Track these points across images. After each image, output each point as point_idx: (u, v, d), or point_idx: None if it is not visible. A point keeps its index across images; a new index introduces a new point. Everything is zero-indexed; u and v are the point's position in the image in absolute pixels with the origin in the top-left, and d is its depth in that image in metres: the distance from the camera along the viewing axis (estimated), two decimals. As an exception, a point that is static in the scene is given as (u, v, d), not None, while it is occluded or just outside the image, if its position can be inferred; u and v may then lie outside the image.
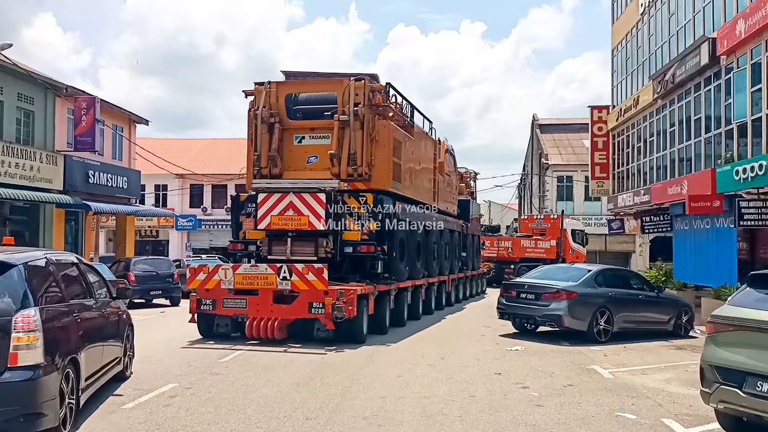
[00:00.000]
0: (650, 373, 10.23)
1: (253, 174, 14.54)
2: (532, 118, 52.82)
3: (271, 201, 13.50)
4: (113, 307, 8.60)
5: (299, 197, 13.36)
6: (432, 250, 18.42)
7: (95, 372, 7.25)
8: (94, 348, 7.26)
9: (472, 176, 31.33)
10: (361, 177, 14.00)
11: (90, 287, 7.72)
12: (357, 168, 13.90)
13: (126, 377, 8.84)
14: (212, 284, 12.38)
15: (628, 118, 27.67)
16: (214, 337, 12.83)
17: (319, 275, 11.87)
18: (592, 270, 14.33)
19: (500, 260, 35.31)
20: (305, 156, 14.59)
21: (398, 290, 15.16)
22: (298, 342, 12.30)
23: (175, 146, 49.95)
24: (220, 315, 12.72)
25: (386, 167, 14.42)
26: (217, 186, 47.20)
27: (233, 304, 12.42)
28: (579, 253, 35.21)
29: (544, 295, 13.45)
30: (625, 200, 27.55)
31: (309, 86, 15.12)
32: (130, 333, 9.18)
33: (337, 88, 14.24)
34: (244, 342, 12.26)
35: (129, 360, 9.09)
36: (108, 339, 7.95)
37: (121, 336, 8.68)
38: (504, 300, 14.43)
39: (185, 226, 46.36)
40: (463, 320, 17.22)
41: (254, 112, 14.47)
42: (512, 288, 14.58)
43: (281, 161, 14.55)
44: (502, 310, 14.42)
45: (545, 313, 13.29)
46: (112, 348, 8.16)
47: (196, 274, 12.47)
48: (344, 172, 13.94)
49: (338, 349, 11.62)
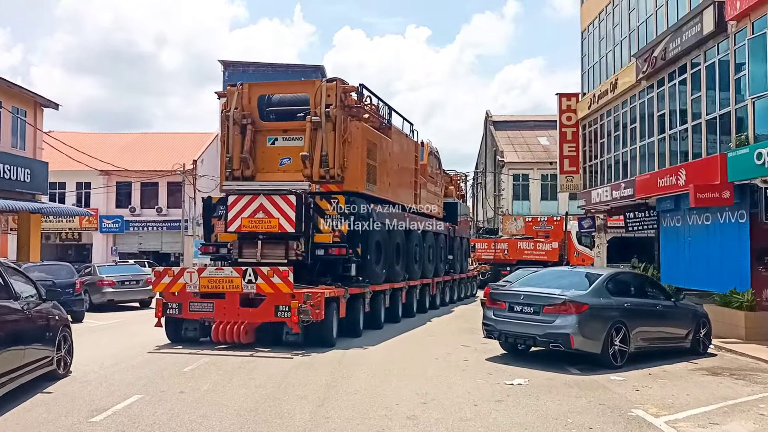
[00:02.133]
0: (720, 421, 7.38)
1: (225, 176, 14.43)
2: (486, 115, 52.17)
3: (242, 203, 13.35)
4: (42, 309, 8.77)
5: (269, 199, 13.21)
6: (413, 252, 18.24)
7: (12, 370, 7.40)
8: (12, 347, 7.45)
9: (462, 179, 31.25)
10: (333, 179, 13.86)
11: (9, 289, 7.85)
12: (329, 170, 13.76)
13: (61, 376, 9.05)
14: (177, 288, 12.22)
15: (603, 105, 24.68)
16: (183, 342, 12.66)
17: (284, 278, 11.70)
18: (602, 275, 11.48)
19: (497, 262, 35.07)
20: (278, 158, 14.48)
21: (374, 293, 14.99)
22: (266, 346, 12.13)
23: (99, 140, 46.06)
24: (188, 319, 12.56)
25: (359, 169, 14.26)
26: (148, 184, 43.21)
27: (200, 307, 12.25)
28: (585, 255, 33.98)
29: (546, 308, 10.44)
30: (601, 195, 24.31)
31: (281, 87, 14.98)
32: (66, 334, 9.38)
33: (309, 89, 14.12)
34: (213, 347, 12.07)
35: (65, 359, 9.27)
36: (32, 340, 8.09)
37: (52, 337, 8.82)
38: (492, 315, 11.26)
39: (111, 228, 43.16)
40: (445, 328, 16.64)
41: (226, 113, 14.36)
42: (502, 299, 11.29)
43: (254, 163, 14.43)
44: (490, 328, 11.21)
45: (549, 331, 10.27)
46: (37, 349, 8.27)
47: (161, 278, 12.32)
48: (316, 173, 13.81)
49: (305, 354, 11.41)
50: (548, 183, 43.73)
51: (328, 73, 54.88)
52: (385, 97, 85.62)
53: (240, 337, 11.83)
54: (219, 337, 11.89)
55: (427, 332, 15.58)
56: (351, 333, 13.75)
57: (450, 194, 26.91)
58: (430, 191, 20.96)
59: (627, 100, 22.54)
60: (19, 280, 8.78)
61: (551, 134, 48.08)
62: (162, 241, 44.70)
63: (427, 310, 20.06)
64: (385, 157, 15.90)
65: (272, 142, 14.57)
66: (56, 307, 9.43)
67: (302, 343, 12.14)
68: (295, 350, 11.71)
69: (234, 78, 48.73)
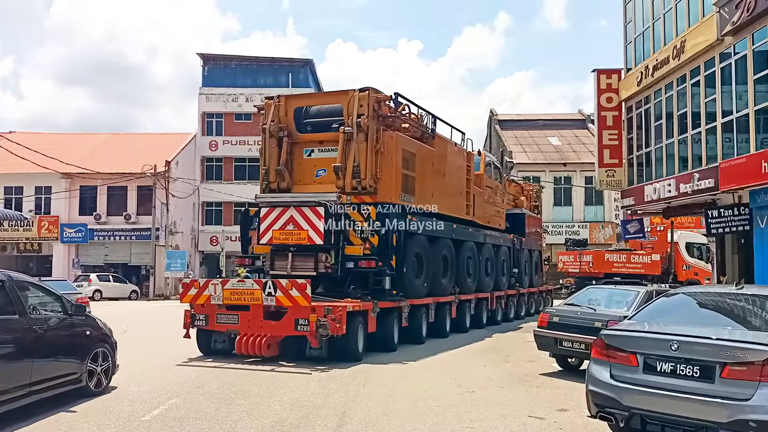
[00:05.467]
0: None
1: (262, 188, 14.51)
2: (490, 113, 49.82)
3: (273, 215, 13.36)
4: (67, 323, 8.58)
5: (299, 211, 13.13)
6: (465, 265, 17.65)
7: (14, 388, 7.30)
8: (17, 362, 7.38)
9: (536, 189, 30.10)
10: (365, 190, 13.59)
11: (19, 305, 7.73)
12: (361, 180, 13.51)
13: (94, 393, 8.76)
14: (203, 299, 12.30)
15: (660, 78, 20.47)
16: (213, 354, 12.72)
17: (302, 291, 11.52)
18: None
19: (582, 276, 33.43)
20: (314, 169, 14.41)
21: (413, 307, 14.55)
22: (290, 360, 11.96)
23: (67, 141, 42.42)
24: (218, 331, 12.62)
25: (394, 179, 13.91)
26: (115, 188, 39.12)
27: (226, 319, 12.27)
28: (699, 269, 30.30)
29: (732, 369, 5.62)
30: (659, 191, 20.32)
31: (317, 99, 14.97)
32: (105, 350, 9.13)
33: (342, 100, 13.96)
34: (242, 361, 11.98)
35: (100, 377, 8.96)
36: (45, 356, 7.94)
37: (81, 353, 8.63)
38: (609, 377, 6.34)
39: (73, 238, 38.58)
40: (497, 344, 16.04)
41: (262, 126, 14.47)
42: (631, 347, 6.31)
43: (290, 175, 14.42)
44: (609, 402, 6.27)
45: (741, 417, 5.43)
46: (54, 366, 8.13)
47: (188, 289, 12.46)
48: (349, 185, 13.59)
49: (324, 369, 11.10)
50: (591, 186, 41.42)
51: (324, 85, 52.37)
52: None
53: (262, 350, 11.73)
54: (242, 350, 11.85)
55: (476, 350, 14.57)
56: (383, 348, 13.39)
57: (521, 205, 26.02)
58: (488, 202, 20.24)
59: (700, 67, 18.41)
60: (38, 294, 8.61)
61: (562, 134, 46.37)
62: (131, 252, 40.43)
63: (484, 325, 19.31)
64: (427, 167, 15.45)
65: (308, 154, 14.52)
66: (89, 322, 9.15)
67: (326, 357, 11.90)
68: (317, 365, 11.46)
69: (215, 72, 47.81)
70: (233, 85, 47.41)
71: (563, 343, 10.91)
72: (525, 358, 12.96)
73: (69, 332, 8.58)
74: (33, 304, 8.23)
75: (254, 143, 44.96)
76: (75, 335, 8.68)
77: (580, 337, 10.48)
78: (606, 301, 11.48)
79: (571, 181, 41.46)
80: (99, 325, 9.38)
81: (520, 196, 26.84)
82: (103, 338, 9.30)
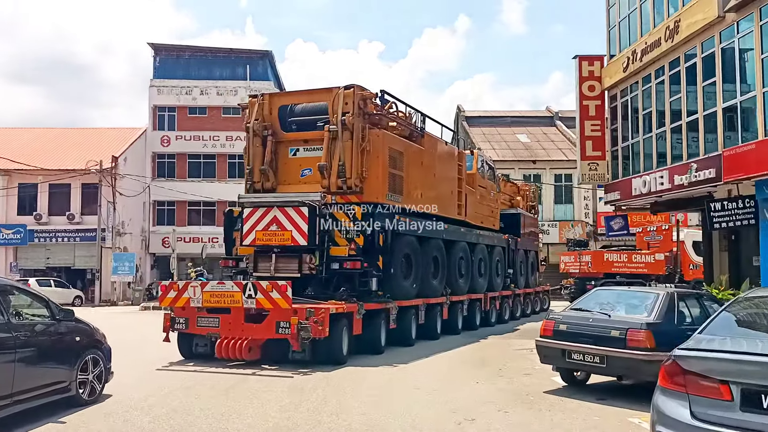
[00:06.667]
0: None
1: (246, 188, 14.23)
2: (457, 110, 49.29)
3: (256, 216, 13.08)
4: (53, 330, 8.15)
5: (283, 212, 12.85)
6: (456, 266, 17.35)
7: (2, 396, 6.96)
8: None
9: (533, 190, 29.76)
10: (351, 189, 13.30)
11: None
12: (346, 180, 13.22)
13: (86, 402, 8.35)
14: (182, 302, 11.98)
15: (649, 62, 19.14)
16: (194, 358, 12.42)
17: (282, 293, 11.21)
18: None
19: (582, 276, 33.04)
20: (300, 169, 14.13)
21: (401, 309, 14.25)
22: (273, 363, 11.66)
23: (7, 136, 40.15)
24: (199, 335, 12.32)
25: (380, 178, 13.62)
26: (57, 186, 36.39)
27: (206, 323, 11.97)
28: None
29: None
30: (649, 184, 19.07)
31: (301, 97, 14.59)
32: (96, 356, 8.71)
33: (327, 98, 13.67)
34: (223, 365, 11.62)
35: (93, 385, 8.56)
36: (33, 363, 7.54)
37: (70, 360, 8.21)
38: (689, 416, 4.70)
39: (11, 240, 36.32)
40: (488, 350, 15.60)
41: (246, 125, 14.18)
42: (722, 374, 4.62)
43: (275, 175, 14.14)
44: None
45: None
46: (38, 375, 7.68)
47: (167, 292, 12.15)
48: (334, 184, 13.30)
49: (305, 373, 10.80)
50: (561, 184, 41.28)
51: (286, 84, 50.24)
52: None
53: (243, 353, 11.43)
54: (222, 353, 11.52)
55: (468, 358, 13.55)
56: (370, 350, 13.10)
57: (517, 205, 25.72)
58: (481, 201, 19.93)
59: (698, 47, 17.07)
60: (24, 298, 8.24)
61: (531, 131, 46.23)
62: (75, 254, 37.88)
63: (478, 327, 18.98)
64: (416, 166, 15.15)
65: (293, 153, 14.24)
66: (79, 328, 8.68)
67: (309, 360, 11.61)
68: (300, 368, 11.16)
69: (167, 64, 44.99)
70: (187, 77, 44.53)
71: (573, 355, 9.26)
72: (520, 370, 11.47)
73: (56, 338, 8.15)
74: (16, 309, 7.86)
75: (209, 138, 43.40)
76: (63, 341, 8.24)
77: (594, 349, 8.96)
78: (620, 305, 9.77)
79: (540, 179, 41.22)
80: (90, 331, 8.94)
81: (516, 196, 26.55)
82: (95, 344, 8.86)
